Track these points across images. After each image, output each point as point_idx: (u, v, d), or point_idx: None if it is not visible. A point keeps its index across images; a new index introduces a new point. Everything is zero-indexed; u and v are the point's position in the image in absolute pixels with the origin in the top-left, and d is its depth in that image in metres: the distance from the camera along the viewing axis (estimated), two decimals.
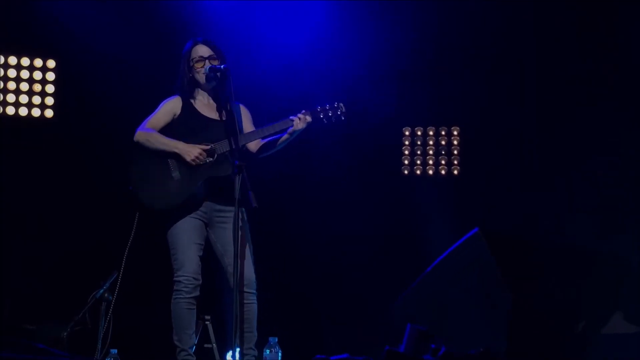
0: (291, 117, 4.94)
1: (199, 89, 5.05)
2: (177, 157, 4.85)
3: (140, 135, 4.89)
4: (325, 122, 5.04)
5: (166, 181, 4.85)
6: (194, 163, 4.81)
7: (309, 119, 4.96)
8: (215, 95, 5.03)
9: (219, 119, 4.98)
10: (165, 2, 7.27)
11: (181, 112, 4.99)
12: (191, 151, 4.81)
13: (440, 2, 7.39)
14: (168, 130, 4.94)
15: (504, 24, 7.30)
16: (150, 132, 4.89)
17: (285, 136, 4.98)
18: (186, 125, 4.93)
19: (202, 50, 5.01)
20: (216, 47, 5.05)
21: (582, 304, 4.98)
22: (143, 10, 7.26)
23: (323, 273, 7.29)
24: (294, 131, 4.94)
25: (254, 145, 5.05)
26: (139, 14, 7.25)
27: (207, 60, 4.97)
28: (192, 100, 5.03)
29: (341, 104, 5.06)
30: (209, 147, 4.85)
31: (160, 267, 5.24)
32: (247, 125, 5.05)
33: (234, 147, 4.72)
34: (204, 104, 5.04)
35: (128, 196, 4.89)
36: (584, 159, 7.09)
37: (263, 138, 5.02)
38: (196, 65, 4.99)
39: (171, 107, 5.00)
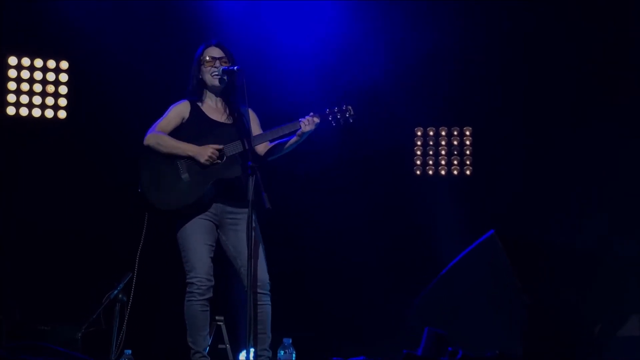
0: (300, 120, 4.94)
1: (208, 92, 5.04)
2: (187, 158, 4.86)
3: (150, 139, 4.89)
4: (334, 124, 5.02)
5: (175, 183, 4.85)
6: (207, 162, 4.80)
7: (317, 120, 4.94)
8: (225, 97, 5.03)
9: (227, 122, 4.97)
10: (176, 4, 7.29)
11: (189, 116, 4.98)
12: (203, 152, 4.82)
13: (452, 3, 7.38)
14: (176, 134, 4.94)
15: (517, 24, 7.29)
16: (160, 135, 4.89)
17: (295, 138, 4.96)
18: (194, 129, 4.93)
19: (214, 51, 5.01)
20: (228, 50, 5.05)
21: (597, 306, 4.96)
22: (155, 12, 7.27)
23: (337, 274, 7.28)
24: (303, 133, 4.93)
25: (262, 148, 5.04)
26: (151, 15, 7.27)
27: (217, 61, 4.97)
28: (200, 104, 5.02)
29: (349, 107, 5.04)
30: (221, 147, 4.85)
31: (175, 268, 5.24)
32: (255, 129, 5.03)
33: (246, 147, 4.70)
34: (213, 108, 5.03)
35: (137, 198, 4.89)
36: (596, 158, 7.06)
37: (271, 141, 5.02)
38: (206, 64, 4.98)
39: (180, 111, 5.00)
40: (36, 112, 7.28)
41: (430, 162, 7.70)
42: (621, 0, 7.03)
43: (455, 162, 7.67)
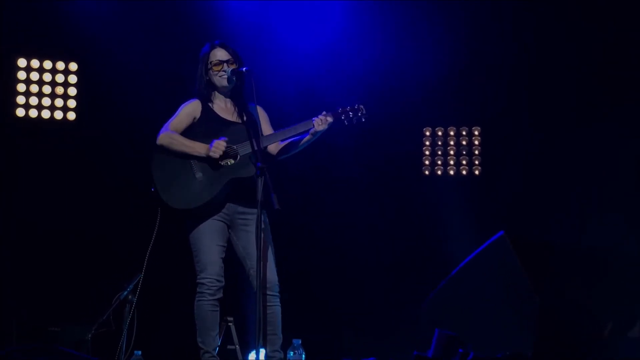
0: (313, 119, 4.94)
1: (217, 92, 5.04)
2: (200, 158, 4.87)
3: (163, 138, 4.90)
4: (347, 123, 5.02)
5: (189, 182, 4.86)
6: (217, 155, 4.80)
7: (330, 119, 4.94)
8: (234, 97, 5.03)
9: (238, 121, 4.98)
10: (184, 6, 7.30)
11: (201, 116, 4.98)
12: (211, 148, 4.82)
13: (460, 4, 7.37)
14: (188, 133, 4.94)
15: (524, 25, 7.28)
16: (173, 134, 4.90)
17: (307, 137, 4.96)
18: (206, 128, 4.93)
19: (220, 53, 5.01)
20: (234, 50, 5.05)
21: (606, 307, 4.95)
22: (163, 13, 7.29)
23: (346, 274, 7.29)
24: (316, 132, 4.93)
25: (274, 147, 5.05)
26: (159, 17, 7.28)
27: (225, 64, 4.97)
28: (210, 104, 5.03)
29: (362, 106, 5.04)
30: (231, 147, 4.85)
31: (184, 268, 5.25)
32: (265, 126, 5.05)
33: (255, 148, 4.71)
34: (222, 107, 5.04)
35: (151, 197, 4.89)
36: (606, 158, 7.05)
37: (283, 140, 5.02)
38: (214, 68, 4.98)
39: (191, 110, 5.00)
40: (45, 114, 7.30)
41: (439, 162, 7.70)
42: (621, 0, 7.02)
43: (464, 162, 7.67)
